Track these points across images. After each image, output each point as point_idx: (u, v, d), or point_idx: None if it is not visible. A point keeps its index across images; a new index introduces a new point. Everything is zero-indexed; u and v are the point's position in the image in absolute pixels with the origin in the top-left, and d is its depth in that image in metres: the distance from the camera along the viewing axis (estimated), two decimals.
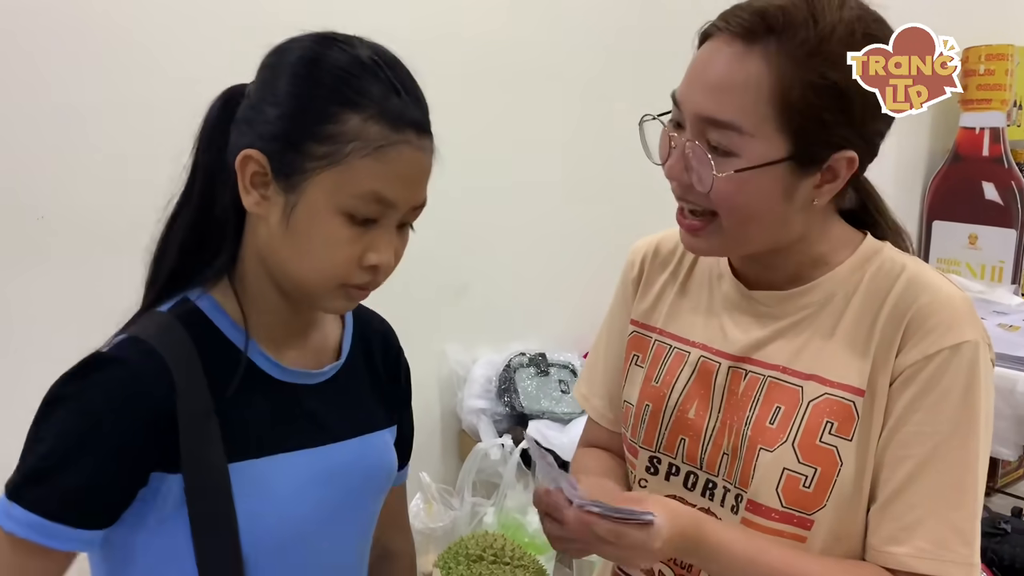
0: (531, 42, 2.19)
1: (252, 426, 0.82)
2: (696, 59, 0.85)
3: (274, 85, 0.79)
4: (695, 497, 0.95)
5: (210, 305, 0.84)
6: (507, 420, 2.12)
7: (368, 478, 0.93)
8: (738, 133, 0.80)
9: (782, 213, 0.85)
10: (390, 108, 0.78)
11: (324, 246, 0.79)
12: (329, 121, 0.77)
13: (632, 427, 1.01)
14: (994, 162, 3.08)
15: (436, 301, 2.15)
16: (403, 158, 0.79)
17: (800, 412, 0.87)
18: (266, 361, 0.85)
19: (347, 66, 0.78)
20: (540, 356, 2.20)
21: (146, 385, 0.76)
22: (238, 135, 0.81)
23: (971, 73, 3.03)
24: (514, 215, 2.25)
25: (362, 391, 0.95)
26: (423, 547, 1.84)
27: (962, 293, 0.86)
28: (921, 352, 0.83)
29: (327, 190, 0.77)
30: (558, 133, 2.28)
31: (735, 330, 0.94)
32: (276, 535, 0.83)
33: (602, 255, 2.38)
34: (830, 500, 0.85)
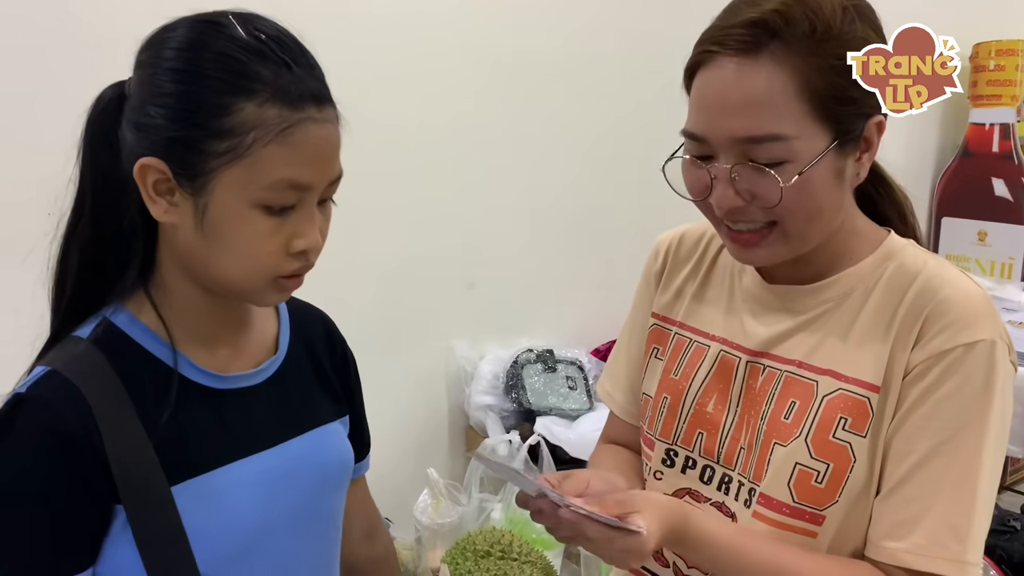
0: (541, 43, 2.19)
1: (193, 442, 0.79)
2: (704, 88, 0.83)
3: (156, 83, 0.74)
4: (711, 491, 0.95)
5: (129, 322, 0.80)
6: (514, 416, 2.12)
7: (323, 474, 0.90)
8: (783, 141, 0.79)
9: (839, 199, 0.85)
10: (284, 86, 0.73)
11: (246, 243, 0.75)
12: (223, 113, 0.72)
13: (650, 419, 1.02)
14: (1004, 158, 3.06)
15: (444, 297, 2.16)
16: (309, 137, 0.74)
17: (814, 407, 0.87)
18: (198, 372, 0.81)
19: (229, 51, 0.73)
20: (547, 352, 2.20)
21: (67, 423, 0.72)
22: (130, 141, 0.76)
23: (981, 69, 3.01)
24: (522, 212, 2.25)
25: (307, 384, 0.92)
26: (430, 543, 1.85)
27: (982, 291, 0.85)
28: (935, 348, 0.82)
29: (236, 186, 0.73)
30: (567, 131, 2.28)
31: (754, 324, 0.94)
32: (233, 547, 0.80)
33: (610, 252, 2.39)
34: (842, 496, 0.85)
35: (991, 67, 2.99)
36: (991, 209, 3.08)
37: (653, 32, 2.23)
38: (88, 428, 0.73)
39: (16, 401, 0.74)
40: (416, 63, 2.01)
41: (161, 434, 0.76)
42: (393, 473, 2.11)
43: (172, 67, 0.74)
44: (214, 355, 0.83)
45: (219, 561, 0.78)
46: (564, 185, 2.31)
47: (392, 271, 2.07)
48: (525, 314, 2.30)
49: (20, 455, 0.73)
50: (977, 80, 3.03)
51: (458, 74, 2.09)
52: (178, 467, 0.76)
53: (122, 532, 0.75)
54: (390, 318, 2.09)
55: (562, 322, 2.36)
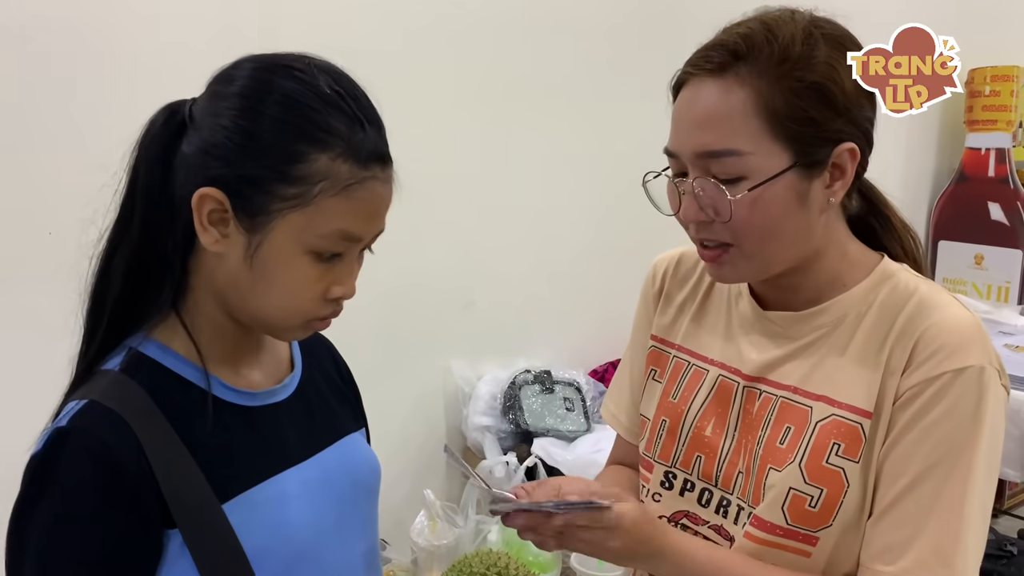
0: (537, 60, 2.21)
1: (236, 459, 0.80)
2: (678, 107, 0.88)
3: (230, 118, 0.76)
4: (708, 513, 0.96)
5: (158, 350, 0.80)
6: (512, 437, 2.11)
7: (356, 481, 0.92)
8: (738, 156, 0.82)
9: (803, 222, 0.86)
10: (357, 144, 0.77)
11: (292, 285, 0.78)
12: (297, 161, 0.75)
13: (648, 441, 1.03)
14: (1000, 182, 3.08)
15: (442, 317, 2.16)
16: (370, 194, 0.78)
17: (808, 433, 0.88)
18: (230, 392, 0.83)
19: (310, 100, 0.76)
20: (545, 373, 2.20)
21: (114, 452, 0.73)
22: (191, 167, 0.77)
23: (977, 94, 3.04)
24: (520, 232, 2.26)
25: (325, 398, 0.95)
26: (427, 565, 1.83)
27: (973, 316, 0.86)
28: (924, 374, 0.83)
29: (294, 231, 0.76)
30: (568, 154, 2.29)
31: (751, 350, 0.96)
32: (287, 560, 0.81)
33: (610, 274, 2.39)
34: (836, 520, 0.86)
35: (987, 92, 3.02)
36: (987, 233, 3.09)
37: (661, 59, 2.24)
38: (136, 455, 0.73)
39: (59, 435, 0.73)
40: (418, 81, 2.03)
41: (204, 455, 0.77)
42: (390, 494, 2.08)
43: (249, 106, 0.76)
44: (239, 374, 0.85)
45: (275, 574, 0.79)
46: (565, 206, 2.32)
47: (390, 291, 2.07)
48: (523, 335, 2.30)
49: (69, 489, 0.72)
50: (973, 105, 3.05)
51: (461, 94, 2.10)
52: (225, 485, 0.78)
53: (179, 556, 0.75)
54: (388, 338, 2.08)
55: (560, 343, 2.36)
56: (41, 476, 0.73)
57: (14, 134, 1.51)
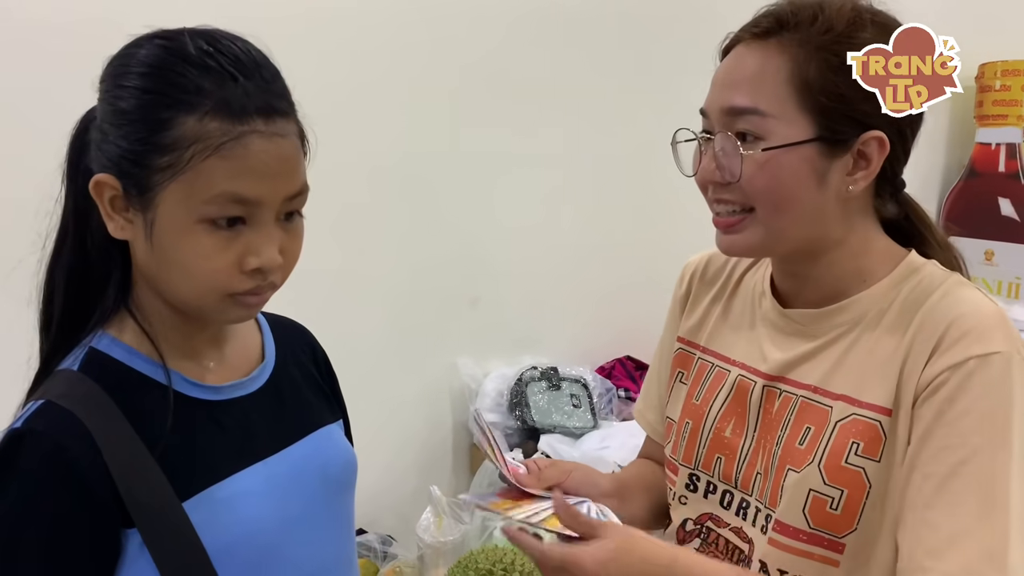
0: (543, 54, 2.20)
1: (198, 456, 0.78)
2: (718, 68, 0.90)
3: (110, 100, 0.75)
4: (730, 516, 0.95)
5: (112, 344, 0.79)
6: (518, 434, 2.11)
7: (327, 475, 0.90)
8: (760, 116, 0.83)
9: (817, 201, 0.85)
10: (226, 99, 0.72)
11: (193, 259, 0.74)
12: (163, 128, 0.72)
13: (673, 444, 1.02)
14: (1010, 178, 3.05)
15: (448, 314, 2.16)
16: (252, 149, 0.72)
17: (827, 433, 0.86)
18: (190, 385, 0.81)
19: (172, 64, 0.73)
20: (552, 370, 2.19)
21: (69, 452, 0.71)
22: (92, 160, 0.77)
23: (987, 89, 3.01)
24: (527, 229, 2.25)
25: (299, 389, 0.92)
26: (432, 561, 1.84)
27: (996, 307, 0.84)
28: (947, 362, 0.80)
29: (179, 201, 0.72)
30: (572, 148, 2.29)
31: (772, 349, 0.94)
32: (252, 557, 0.79)
33: (615, 270, 2.39)
34: (860, 523, 0.83)
35: (997, 87, 2.99)
36: (998, 229, 3.07)
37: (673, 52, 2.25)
38: (91, 454, 0.72)
39: (14, 436, 0.73)
40: (425, 77, 2.03)
41: (163, 451, 0.75)
42: (396, 490, 2.10)
43: (121, 83, 0.74)
44: (202, 368, 0.83)
45: (240, 574, 0.78)
46: (571, 203, 2.31)
47: (397, 288, 2.07)
48: (530, 332, 2.30)
49: (24, 490, 0.71)
50: (983, 100, 3.03)
51: (467, 88, 2.10)
52: (186, 482, 0.76)
53: (139, 556, 0.74)
54: (395, 335, 2.09)
55: (567, 340, 2.35)
56: None
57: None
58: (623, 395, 2.31)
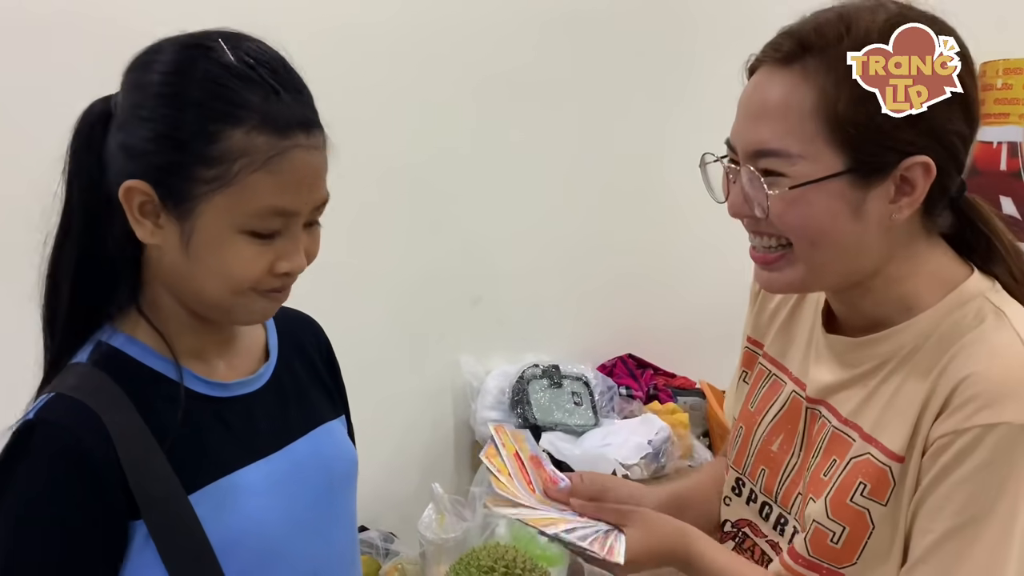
0: (545, 53, 2.21)
1: (205, 451, 0.79)
2: (742, 94, 0.84)
3: (143, 105, 0.74)
4: (767, 528, 0.95)
5: (126, 342, 0.79)
6: None
7: (330, 471, 0.91)
8: (786, 158, 0.78)
9: (856, 234, 0.80)
10: (272, 114, 0.73)
11: (231, 267, 0.75)
12: (211, 141, 0.72)
13: (729, 444, 1.03)
14: (1012, 176, 3.05)
15: (450, 312, 2.16)
16: (295, 164, 0.74)
17: (843, 467, 0.85)
18: (199, 382, 0.82)
19: (218, 77, 0.73)
20: (554, 368, 2.20)
21: (82, 442, 0.72)
22: (117, 162, 0.76)
23: (988, 87, 3.01)
24: (530, 227, 2.26)
25: (302, 386, 0.93)
26: (435, 558, 1.84)
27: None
28: (953, 425, 0.76)
29: (222, 212, 0.73)
30: (576, 148, 2.29)
31: (817, 370, 0.91)
32: (255, 550, 0.80)
33: (618, 269, 2.39)
34: (861, 559, 0.82)
35: (999, 85, 2.99)
36: None
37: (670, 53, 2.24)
38: (104, 445, 0.72)
39: (27, 427, 0.73)
40: (425, 77, 2.03)
41: (172, 446, 0.76)
42: (398, 488, 2.11)
43: (159, 91, 0.74)
44: (209, 365, 0.84)
45: (244, 569, 0.78)
46: (573, 201, 2.32)
47: (399, 286, 2.07)
48: (532, 330, 2.30)
49: (36, 479, 0.72)
50: (985, 99, 3.03)
51: (469, 90, 2.10)
52: (192, 476, 0.77)
53: (144, 547, 0.75)
54: (397, 333, 2.09)
55: (568, 338, 2.36)
56: (7, 468, 0.73)
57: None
58: (624, 393, 2.31)
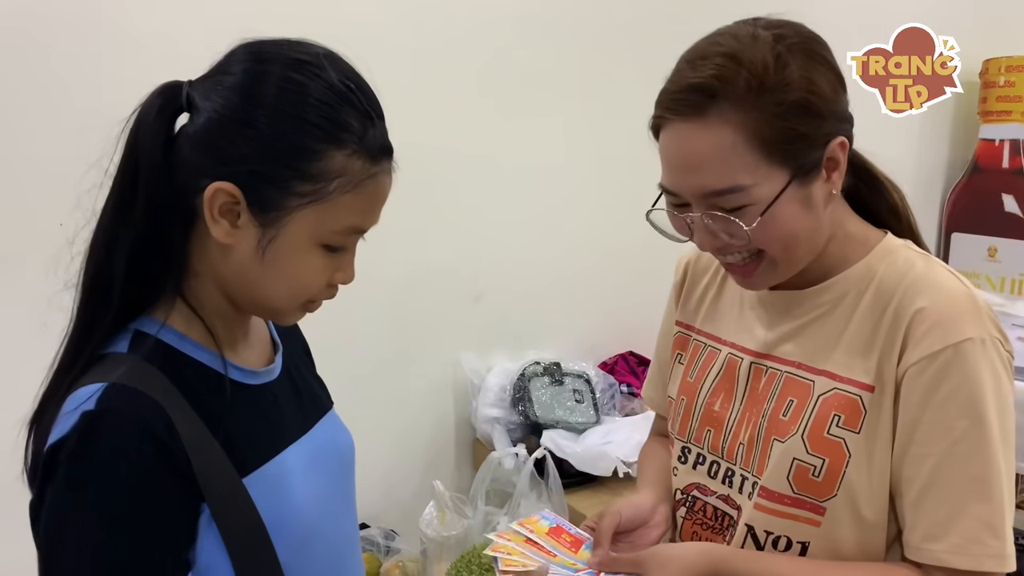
0: (549, 49, 2.20)
1: (247, 437, 0.81)
2: (666, 149, 0.89)
3: (243, 111, 0.75)
4: (716, 484, 1.02)
5: (168, 333, 0.80)
6: (521, 429, 2.12)
7: (340, 456, 0.95)
8: (742, 191, 0.85)
9: (814, 221, 0.89)
10: (368, 140, 0.78)
11: (301, 276, 0.80)
12: (315, 159, 0.76)
13: (671, 419, 1.11)
14: (1014, 174, 3.05)
15: (451, 310, 2.16)
16: (379, 188, 0.81)
17: (810, 406, 0.93)
18: (237, 371, 0.85)
19: (322, 96, 0.76)
20: (555, 366, 2.20)
21: (152, 426, 0.73)
22: (199, 159, 0.76)
23: (991, 85, 3.01)
24: (531, 225, 2.26)
25: (304, 375, 0.97)
26: (436, 555, 1.84)
27: (966, 290, 0.89)
28: (923, 352, 0.86)
29: (309, 226, 0.77)
30: (578, 145, 2.29)
31: (759, 328, 1.01)
32: (299, 532, 0.82)
33: (619, 267, 2.39)
34: (840, 490, 0.89)
35: (1001, 83, 2.99)
36: (1001, 225, 3.06)
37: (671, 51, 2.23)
38: (169, 432, 0.73)
39: (93, 417, 0.71)
40: (426, 72, 2.03)
41: (221, 433, 0.78)
42: (399, 485, 2.11)
43: (263, 102, 0.75)
44: (238, 355, 0.87)
45: (290, 548, 0.80)
46: (574, 199, 2.31)
47: (400, 283, 2.07)
48: (533, 327, 2.30)
49: (115, 469, 0.71)
50: (987, 96, 3.02)
51: (469, 84, 2.10)
52: (242, 461, 0.79)
53: (207, 531, 0.76)
54: (398, 330, 2.09)
55: (570, 336, 2.36)
56: (82, 461, 0.71)
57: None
58: (626, 391, 2.31)
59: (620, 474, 1.97)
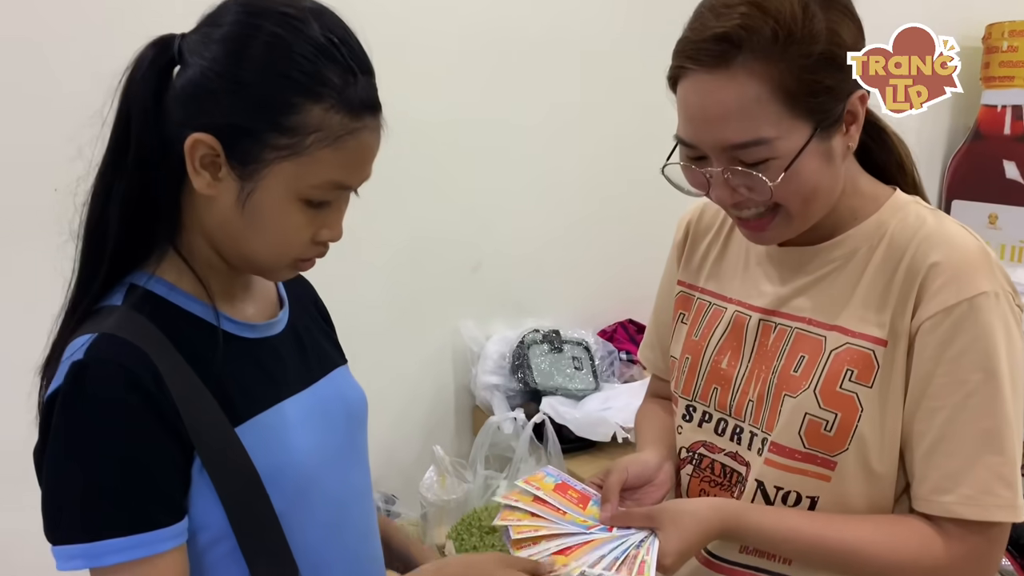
0: (548, 16, 2.19)
1: (241, 388, 0.82)
2: (685, 100, 0.87)
3: (222, 64, 0.76)
4: (724, 442, 1.02)
5: (163, 287, 0.82)
6: (520, 396, 2.14)
7: (349, 411, 0.95)
8: (766, 144, 0.83)
9: (833, 175, 0.89)
10: (349, 95, 0.77)
11: (283, 231, 0.80)
12: (292, 112, 0.75)
13: (675, 379, 1.10)
14: (1016, 140, 3.03)
15: (450, 278, 2.17)
16: (361, 144, 0.79)
17: (822, 361, 0.92)
18: (233, 324, 0.85)
19: (303, 49, 0.76)
20: (554, 333, 2.21)
21: (139, 376, 0.74)
22: (184, 109, 0.77)
23: (994, 50, 2.98)
24: (531, 193, 2.26)
25: (313, 333, 0.98)
26: (436, 519, 1.87)
27: (979, 244, 0.88)
28: (938, 306, 0.85)
29: (286, 180, 0.77)
30: (577, 113, 2.28)
31: (767, 285, 1.00)
32: (296, 482, 0.83)
33: (618, 234, 2.39)
34: (852, 444, 0.89)
35: (1004, 48, 2.96)
36: (1002, 192, 3.05)
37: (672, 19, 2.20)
38: (157, 381, 0.74)
39: (80, 367, 0.74)
40: (426, 42, 2.01)
41: (214, 383, 0.79)
42: (400, 451, 2.13)
43: (245, 54, 0.75)
44: (236, 309, 0.87)
45: (286, 497, 0.81)
46: (573, 167, 2.31)
47: (400, 252, 2.08)
48: (532, 295, 2.31)
49: (104, 414, 0.73)
50: (990, 61, 3.00)
51: (469, 54, 2.09)
52: (235, 411, 0.80)
53: (199, 479, 0.77)
54: (398, 298, 2.10)
55: (569, 303, 2.37)
56: (68, 406, 0.73)
57: None
58: (625, 358, 2.33)
59: (619, 439, 1.99)
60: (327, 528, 0.88)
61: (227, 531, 0.78)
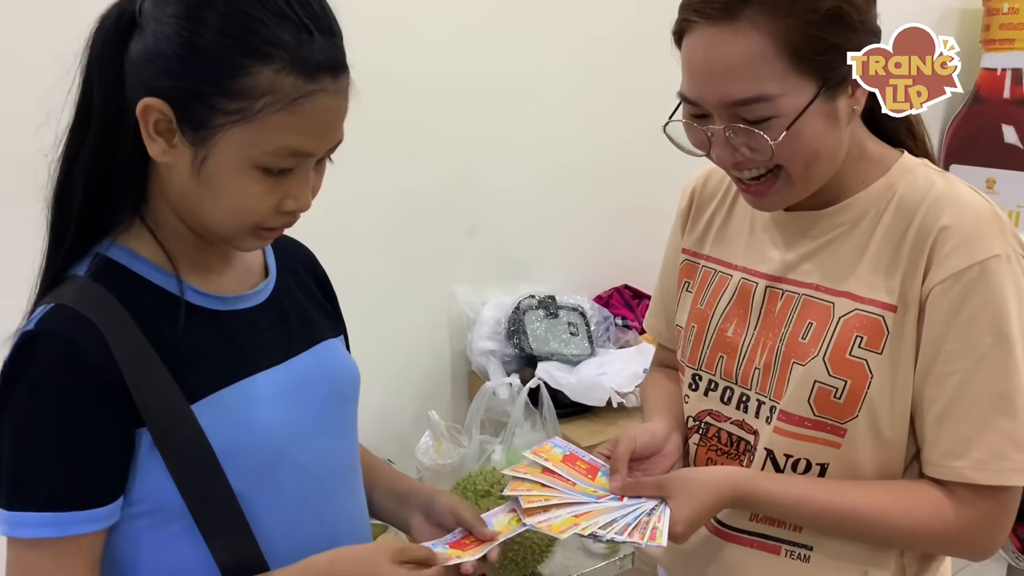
0: None
1: (204, 362, 0.81)
2: (690, 55, 0.86)
3: (171, 25, 0.73)
4: (730, 410, 1.02)
5: (125, 254, 0.80)
6: (516, 362, 2.14)
7: (333, 386, 0.93)
8: (769, 101, 0.82)
9: (837, 138, 0.87)
10: (303, 56, 0.73)
11: (240, 200, 0.76)
12: (238, 75, 0.72)
13: (681, 348, 1.10)
14: (1015, 104, 3.01)
15: (446, 243, 2.16)
16: (319, 108, 0.75)
17: (831, 327, 0.91)
18: (199, 295, 0.83)
19: (251, 9, 0.72)
20: (550, 299, 2.21)
21: (84, 351, 0.73)
22: (139, 73, 0.75)
23: (994, 12, 2.94)
24: (526, 158, 2.24)
25: (301, 304, 0.95)
26: (432, 483, 1.88)
27: (990, 206, 0.87)
28: (949, 270, 0.84)
29: (239, 146, 0.74)
30: (574, 77, 2.25)
31: (773, 251, 0.99)
32: (258, 459, 0.82)
33: (614, 199, 2.38)
34: (862, 411, 0.89)
35: (1004, 10, 2.93)
36: (1000, 156, 3.04)
37: None
38: (104, 354, 0.74)
39: (28, 338, 0.74)
40: (422, 3, 1.98)
41: (172, 357, 0.78)
42: (396, 417, 2.14)
43: (193, 15, 0.72)
44: (210, 280, 0.85)
45: (247, 474, 0.81)
46: (569, 131, 2.29)
47: (394, 217, 2.06)
48: (527, 260, 2.30)
49: (42, 388, 0.73)
50: (990, 24, 2.97)
51: (465, 17, 2.05)
52: (194, 386, 0.79)
53: (149, 456, 0.77)
54: (392, 264, 2.09)
55: (564, 269, 2.36)
56: (12, 380, 0.74)
57: None
58: (620, 323, 2.33)
59: (614, 404, 2.00)
60: (301, 503, 0.86)
61: (183, 509, 0.77)
